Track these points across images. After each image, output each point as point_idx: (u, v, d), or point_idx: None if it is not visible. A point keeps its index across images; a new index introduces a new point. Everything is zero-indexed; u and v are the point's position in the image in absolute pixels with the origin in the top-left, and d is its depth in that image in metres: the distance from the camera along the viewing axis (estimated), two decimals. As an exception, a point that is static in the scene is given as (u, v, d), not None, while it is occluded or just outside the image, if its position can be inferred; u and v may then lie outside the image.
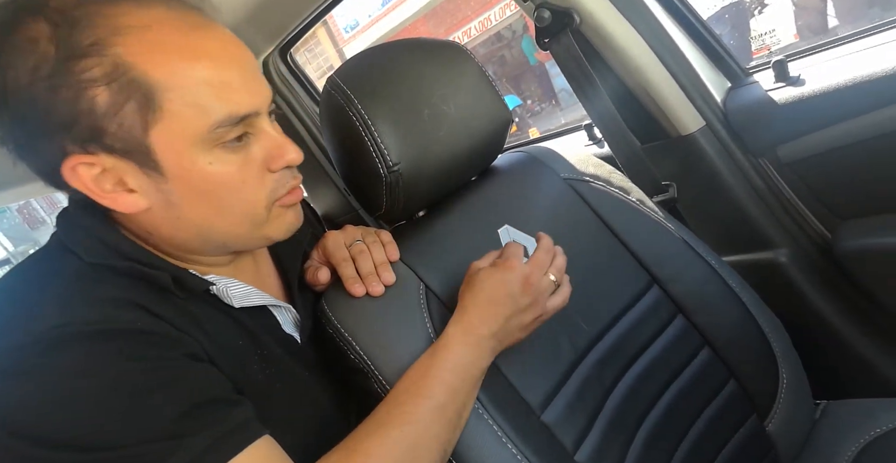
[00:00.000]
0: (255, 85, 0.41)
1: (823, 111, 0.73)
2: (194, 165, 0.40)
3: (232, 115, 0.39)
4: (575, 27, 0.77)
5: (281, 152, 0.43)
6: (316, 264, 0.57)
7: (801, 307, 0.81)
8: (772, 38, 2.94)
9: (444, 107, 0.57)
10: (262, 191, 0.43)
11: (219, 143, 0.40)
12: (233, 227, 0.44)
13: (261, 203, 0.44)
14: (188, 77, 0.38)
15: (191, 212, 0.42)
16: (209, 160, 0.40)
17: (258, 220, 0.44)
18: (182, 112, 0.38)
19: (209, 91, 0.38)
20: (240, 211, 0.43)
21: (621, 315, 0.62)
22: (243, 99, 0.40)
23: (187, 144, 0.39)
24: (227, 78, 0.39)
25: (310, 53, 9.41)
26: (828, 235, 0.82)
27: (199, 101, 0.38)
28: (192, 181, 0.41)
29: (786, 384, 0.66)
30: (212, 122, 0.39)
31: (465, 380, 0.47)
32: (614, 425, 0.56)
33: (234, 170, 0.41)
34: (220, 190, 0.41)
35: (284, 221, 0.46)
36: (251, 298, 0.48)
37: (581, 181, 0.69)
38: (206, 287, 0.45)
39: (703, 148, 0.82)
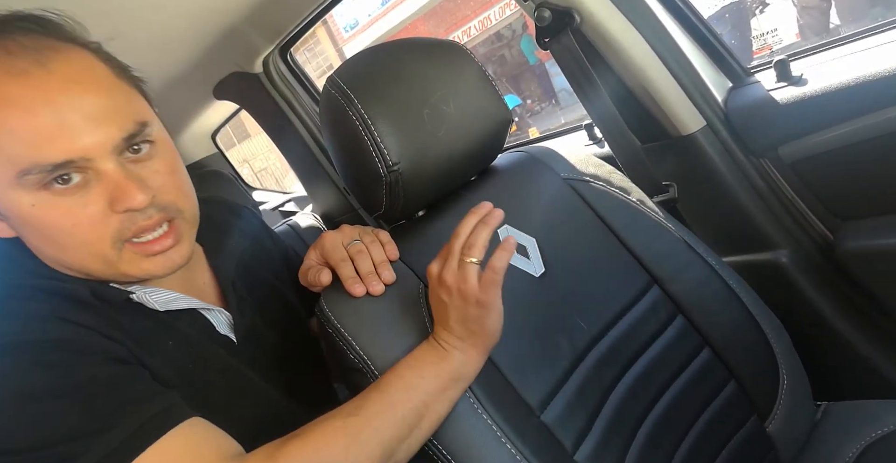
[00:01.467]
0: (83, 130, 0.40)
1: (826, 111, 0.73)
2: (19, 207, 0.40)
3: (39, 164, 0.39)
4: (575, 26, 0.77)
5: (121, 196, 0.42)
6: (316, 266, 0.57)
7: (802, 308, 0.81)
8: (773, 37, 2.93)
9: (443, 106, 0.57)
10: (102, 231, 0.42)
11: (40, 186, 0.40)
12: (85, 264, 0.44)
13: (104, 243, 0.43)
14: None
15: (39, 246, 0.44)
16: (32, 202, 0.40)
17: (108, 259, 0.44)
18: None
19: (14, 140, 0.38)
20: (82, 251, 0.43)
21: (621, 315, 0.62)
22: (58, 147, 0.39)
23: (5, 187, 0.40)
24: (39, 126, 0.39)
25: (309, 53, 9.40)
26: (829, 235, 0.82)
27: (3, 149, 0.39)
28: (22, 221, 0.42)
29: (786, 385, 0.66)
30: (16, 170, 0.39)
31: (425, 377, 0.46)
32: (614, 425, 0.56)
33: (60, 213, 0.41)
34: (50, 230, 0.42)
35: (145, 267, 0.45)
36: (177, 302, 0.49)
37: (581, 181, 0.69)
38: (125, 296, 0.46)
39: (704, 148, 0.82)
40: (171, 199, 0.45)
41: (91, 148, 0.40)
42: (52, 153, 0.39)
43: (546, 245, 0.62)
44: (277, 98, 1.22)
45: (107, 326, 0.43)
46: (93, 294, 0.44)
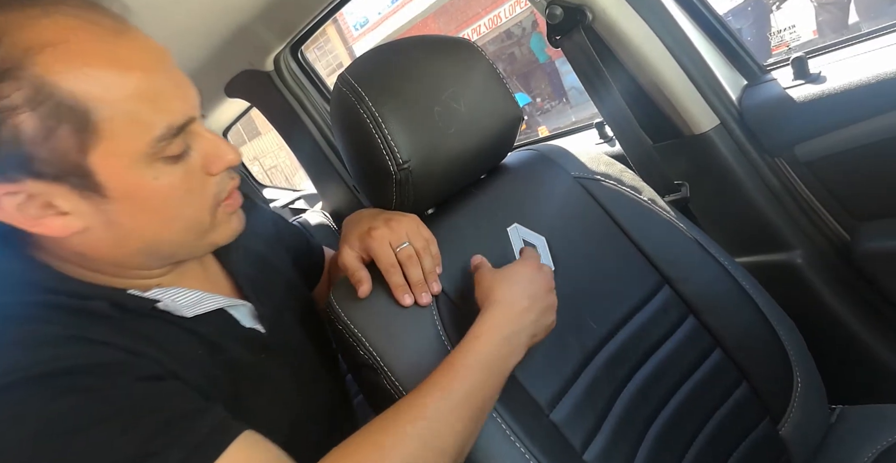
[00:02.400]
0: (186, 89, 0.39)
1: (844, 109, 0.72)
2: (141, 182, 0.38)
3: (172, 127, 0.37)
4: (587, 24, 0.76)
5: (219, 154, 0.41)
6: (360, 274, 0.53)
7: (817, 310, 0.80)
8: (791, 34, 2.88)
9: (454, 104, 0.56)
10: (206, 197, 0.42)
11: (158, 156, 0.38)
12: (179, 237, 0.42)
13: (206, 209, 0.42)
14: (121, 91, 0.35)
15: (136, 228, 0.40)
16: (154, 175, 0.38)
17: (204, 228, 0.43)
18: (122, 130, 0.35)
19: (144, 103, 0.36)
20: (186, 220, 0.42)
21: (631, 315, 0.62)
22: (178, 107, 0.38)
23: (132, 162, 0.37)
24: (159, 86, 0.37)
25: (319, 51, 9.45)
26: (846, 236, 0.80)
27: (137, 115, 0.36)
28: (138, 198, 0.38)
29: (800, 388, 0.65)
30: (153, 137, 0.36)
31: (492, 376, 0.46)
32: (623, 426, 0.55)
33: (178, 181, 0.39)
34: (168, 203, 0.40)
35: (230, 227, 0.45)
36: (204, 303, 0.46)
37: (592, 180, 0.69)
38: (151, 305, 0.43)
39: (718, 147, 0.81)
40: None
41: (194, 107, 0.40)
42: (178, 113, 0.38)
43: (556, 244, 0.62)
44: (288, 96, 1.23)
45: (132, 341, 0.39)
46: (112, 305, 0.40)
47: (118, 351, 0.38)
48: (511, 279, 0.51)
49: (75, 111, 0.34)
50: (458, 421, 0.42)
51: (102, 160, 0.36)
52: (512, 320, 0.48)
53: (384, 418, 0.42)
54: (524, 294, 0.49)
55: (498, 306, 0.49)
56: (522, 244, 0.61)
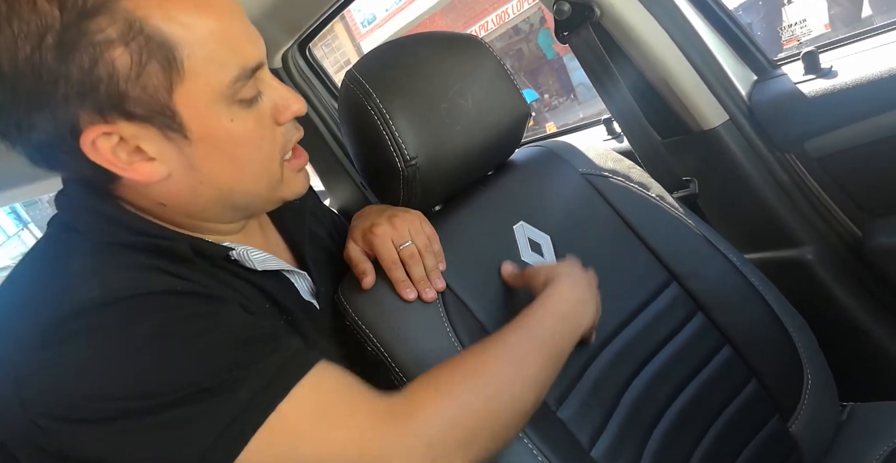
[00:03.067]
0: (255, 35, 0.40)
1: (856, 104, 0.71)
2: (218, 123, 0.39)
3: (246, 68, 0.38)
4: (595, 20, 0.76)
5: (287, 103, 0.42)
6: (361, 259, 0.54)
7: (828, 306, 0.79)
8: (802, 28, 2.83)
9: (461, 101, 0.56)
10: (275, 146, 0.43)
11: (236, 99, 0.39)
12: (253, 187, 0.44)
13: (276, 159, 0.43)
14: (201, 31, 0.36)
15: (213, 174, 0.41)
16: (230, 117, 0.39)
17: (275, 179, 0.44)
18: (202, 69, 0.36)
19: (222, 44, 0.37)
20: (259, 168, 0.43)
21: (639, 311, 0.62)
22: (250, 50, 0.39)
23: (211, 102, 0.38)
24: (233, 29, 0.38)
25: (327, 48, 9.46)
26: (858, 232, 0.80)
27: (215, 55, 0.37)
28: (216, 140, 0.39)
29: (811, 385, 0.64)
30: (231, 76, 0.37)
31: (566, 327, 0.48)
32: (631, 423, 0.55)
33: (252, 126, 0.40)
34: (242, 147, 0.41)
35: (297, 183, 0.47)
36: (269, 262, 0.48)
37: (599, 176, 0.68)
38: (226, 253, 0.44)
39: (727, 143, 0.80)
40: None
41: (263, 54, 0.40)
42: (249, 56, 0.38)
43: (562, 241, 0.62)
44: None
45: (213, 284, 0.42)
46: (193, 250, 0.42)
47: (201, 287, 0.40)
48: (567, 266, 0.54)
49: (163, 48, 0.35)
50: (539, 359, 0.44)
51: (185, 99, 0.37)
52: (581, 288, 0.52)
53: (476, 347, 0.44)
54: (579, 281, 0.53)
55: (566, 277, 0.52)
56: (528, 243, 0.61)
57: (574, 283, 0.52)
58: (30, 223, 9.57)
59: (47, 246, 0.42)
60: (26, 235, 9.55)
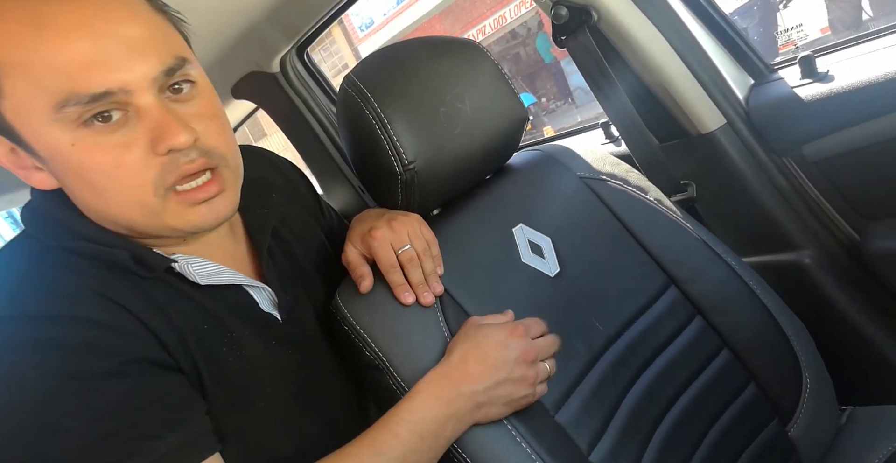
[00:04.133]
0: (122, 60, 0.36)
1: (853, 108, 0.71)
2: (57, 146, 0.37)
3: (77, 94, 0.35)
4: (592, 24, 0.76)
5: (163, 134, 0.38)
6: (359, 262, 0.54)
7: (827, 310, 0.79)
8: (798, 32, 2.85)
9: (459, 105, 0.56)
10: (145, 176, 0.39)
11: (79, 122, 0.36)
12: (125, 213, 0.41)
13: (146, 190, 0.39)
14: (27, 52, 0.35)
15: (79, 195, 0.40)
16: (71, 141, 0.37)
17: (151, 209, 0.40)
18: (22, 90, 0.35)
19: (49, 68, 0.35)
20: (123, 197, 0.39)
21: (638, 315, 0.62)
22: (96, 76, 0.36)
23: (42, 124, 0.36)
24: (76, 53, 0.35)
25: (325, 52, 9.48)
26: (855, 236, 0.80)
27: (37, 78, 0.35)
28: (63, 163, 0.38)
29: (809, 388, 0.64)
30: (54, 101, 0.35)
31: (425, 438, 0.44)
32: (630, 427, 0.55)
33: (101, 153, 0.37)
34: (91, 174, 0.38)
35: (194, 216, 0.42)
36: (220, 276, 0.46)
37: (597, 180, 0.68)
38: (168, 265, 0.43)
39: (724, 147, 0.80)
40: (213, 143, 0.41)
41: (131, 80, 0.37)
42: (91, 83, 0.35)
43: (561, 244, 0.62)
44: (294, 97, 1.23)
45: (144, 304, 0.41)
46: (133, 259, 0.41)
47: (124, 316, 0.39)
48: (475, 338, 0.49)
49: None
50: None
51: (13, 116, 0.37)
52: (455, 382, 0.46)
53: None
54: (480, 357, 0.47)
55: (444, 364, 0.48)
56: (528, 245, 0.61)
57: (452, 371, 0.47)
58: (26, 227, 9.52)
59: (3, 250, 0.44)
60: (23, 238, 9.50)
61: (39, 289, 0.39)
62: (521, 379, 0.48)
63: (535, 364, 0.49)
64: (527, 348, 0.49)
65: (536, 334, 0.52)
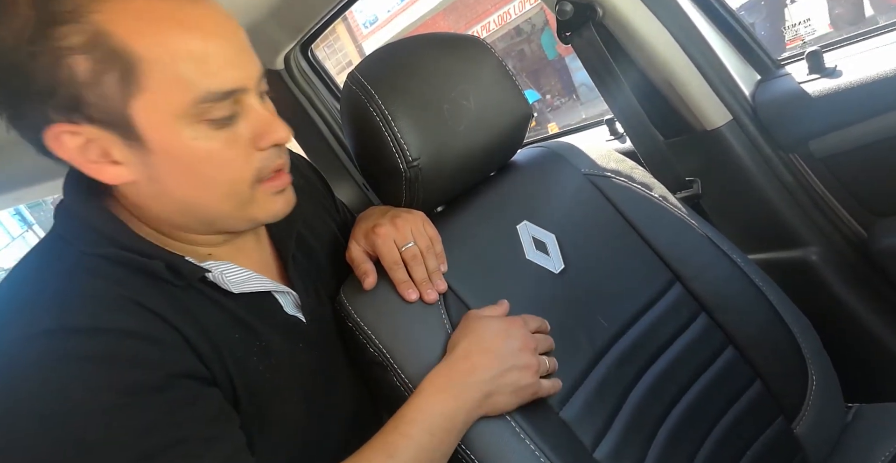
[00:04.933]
0: (243, 59, 0.40)
1: (861, 104, 0.70)
2: (178, 140, 0.39)
3: (215, 91, 0.38)
4: (597, 20, 0.76)
5: (269, 130, 0.42)
6: (363, 259, 0.54)
7: (833, 307, 0.79)
8: (806, 28, 2.81)
9: (463, 102, 0.56)
10: (247, 169, 0.42)
11: (204, 118, 0.39)
12: (216, 205, 0.43)
13: (245, 182, 0.42)
14: (171, 49, 0.37)
15: (174, 187, 0.41)
16: (193, 135, 0.39)
17: (242, 199, 0.43)
18: (164, 86, 0.37)
19: (193, 65, 0.37)
20: (224, 188, 0.42)
21: (642, 313, 0.61)
22: (229, 74, 0.39)
23: (170, 118, 0.38)
24: (212, 51, 0.38)
25: (329, 49, 9.48)
26: (863, 232, 0.79)
27: (182, 75, 0.37)
28: (176, 156, 0.39)
29: (815, 386, 0.64)
30: (195, 97, 0.37)
31: (436, 435, 0.45)
32: (634, 424, 0.55)
33: (218, 146, 0.40)
34: (204, 166, 0.40)
35: (272, 207, 0.45)
36: (250, 283, 0.47)
37: (602, 177, 0.68)
38: (202, 274, 0.44)
39: (730, 143, 0.80)
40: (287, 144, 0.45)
41: (248, 78, 0.40)
42: (225, 80, 0.38)
43: (566, 241, 0.62)
44: (298, 94, 1.24)
45: (179, 314, 0.41)
46: (168, 268, 0.42)
47: (160, 325, 0.40)
48: (476, 330, 0.49)
49: (123, 61, 0.36)
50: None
51: (143, 112, 0.38)
52: (461, 374, 0.47)
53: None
54: (483, 347, 0.48)
55: (449, 359, 0.48)
56: (532, 242, 0.61)
57: (457, 363, 0.48)
58: (34, 225, 9.61)
59: (36, 255, 0.44)
60: (31, 236, 9.60)
61: (81, 299, 0.39)
62: (526, 366, 0.48)
63: (536, 353, 0.50)
64: (527, 337, 0.50)
65: (533, 328, 0.52)
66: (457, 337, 0.50)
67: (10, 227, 10.03)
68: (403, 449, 0.43)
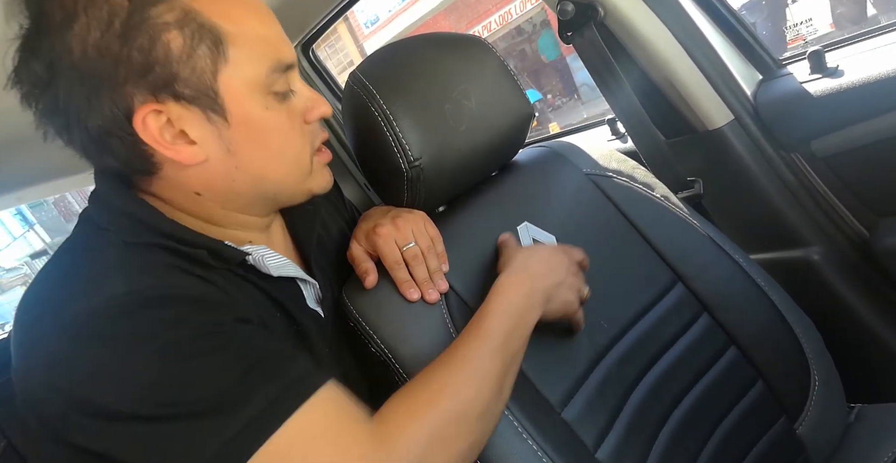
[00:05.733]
0: (287, 39, 0.46)
1: (863, 103, 0.70)
2: (255, 109, 0.43)
3: (281, 62, 0.43)
4: (599, 20, 0.76)
5: (315, 105, 0.47)
6: (364, 258, 0.55)
7: (835, 307, 0.79)
8: (808, 27, 2.80)
9: (465, 101, 0.56)
10: (305, 141, 0.47)
11: (270, 90, 0.43)
12: (283, 176, 0.47)
13: (306, 152, 0.47)
14: (245, 26, 0.41)
15: (248, 159, 0.44)
16: (266, 105, 0.43)
17: (305, 170, 0.47)
18: (244, 58, 0.41)
19: (261, 40, 0.42)
20: (291, 158, 0.46)
21: (644, 313, 0.61)
22: (285, 49, 0.44)
23: (249, 89, 0.42)
24: (271, 30, 0.43)
25: (330, 48, 9.48)
26: (865, 232, 0.79)
27: (256, 48, 0.42)
28: (253, 126, 0.43)
29: (818, 386, 0.64)
30: (269, 67, 0.42)
31: (519, 325, 0.48)
32: (636, 424, 0.55)
33: (284, 116, 0.44)
34: (275, 134, 0.44)
35: (325, 177, 0.50)
36: (287, 268, 0.49)
37: (604, 177, 0.68)
38: (243, 258, 0.46)
39: (732, 143, 0.80)
40: None
41: (294, 56, 0.45)
42: (286, 53, 0.44)
43: (567, 242, 0.62)
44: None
45: (230, 286, 0.44)
46: (211, 254, 0.44)
47: (218, 290, 0.43)
48: (530, 251, 0.55)
49: (212, 35, 0.40)
50: (500, 364, 0.46)
51: (227, 84, 0.41)
52: (529, 278, 0.51)
53: (440, 362, 0.45)
54: (540, 262, 0.53)
55: (515, 268, 0.52)
56: (533, 243, 0.61)
57: (523, 272, 0.52)
58: (35, 225, 9.63)
59: (80, 239, 0.45)
60: (32, 236, 9.62)
61: (144, 268, 0.41)
62: (573, 286, 0.53)
63: (579, 276, 0.55)
64: (569, 260, 0.55)
65: (577, 260, 0.57)
66: (508, 258, 0.54)
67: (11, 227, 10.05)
68: (495, 332, 0.47)
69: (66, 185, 1.27)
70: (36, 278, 0.43)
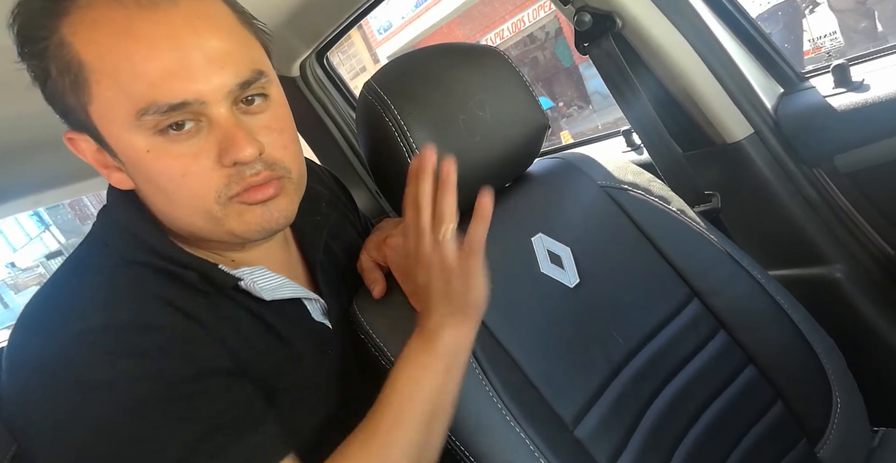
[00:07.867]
0: (201, 72, 0.37)
1: (890, 118, 0.69)
2: (133, 151, 0.39)
3: (157, 103, 0.36)
4: (617, 31, 0.75)
5: (230, 147, 0.39)
6: (374, 268, 0.54)
7: (859, 326, 0.77)
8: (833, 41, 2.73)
9: (479, 112, 0.56)
10: (209, 185, 0.40)
11: (156, 130, 0.38)
12: (188, 219, 0.42)
13: (209, 198, 0.40)
14: (115, 60, 0.36)
15: (151, 199, 0.43)
16: (147, 147, 0.38)
17: (212, 215, 0.41)
18: (108, 96, 0.37)
19: (135, 76, 0.36)
20: (188, 204, 0.41)
21: (659, 329, 0.60)
22: (178, 86, 0.37)
23: (123, 129, 0.38)
24: (160, 63, 0.36)
25: (343, 55, 9.59)
26: (889, 250, 0.77)
27: (123, 86, 0.36)
28: (137, 168, 0.40)
29: (840, 408, 0.62)
30: (137, 108, 0.37)
31: (423, 369, 0.44)
32: (651, 443, 0.54)
33: (171, 161, 0.39)
34: (161, 180, 0.40)
35: (247, 221, 0.42)
36: (282, 290, 0.48)
37: (619, 189, 0.67)
38: (234, 283, 0.44)
39: (751, 156, 0.78)
40: (278, 156, 0.42)
41: (207, 91, 0.38)
42: (171, 93, 0.37)
43: (581, 255, 0.61)
44: (313, 102, 1.24)
45: (215, 319, 0.43)
46: (201, 277, 0.43)
47: (199, 328, 0.41)
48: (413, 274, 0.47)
49: (73, 70, 0.37)
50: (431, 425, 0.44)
51: (98, 120, 0.39)
52: (423, 325, 0.46)
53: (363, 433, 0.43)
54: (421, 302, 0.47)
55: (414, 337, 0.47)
56: (547, 255, 0.60)
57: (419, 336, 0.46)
58: (51, 225, 9.81)
59: (82, 253, 0.45)
60: (47, 237, 9.79)
61: (126, 300, 0.40)
62: (461, 276, 0.45)
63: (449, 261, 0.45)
64: (433, 264, 0.45)
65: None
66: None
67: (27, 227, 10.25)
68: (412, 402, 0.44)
69: (82, 188, 1.29)
70: (38, 291, 0.43)
